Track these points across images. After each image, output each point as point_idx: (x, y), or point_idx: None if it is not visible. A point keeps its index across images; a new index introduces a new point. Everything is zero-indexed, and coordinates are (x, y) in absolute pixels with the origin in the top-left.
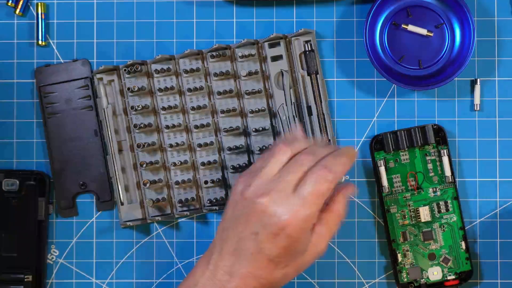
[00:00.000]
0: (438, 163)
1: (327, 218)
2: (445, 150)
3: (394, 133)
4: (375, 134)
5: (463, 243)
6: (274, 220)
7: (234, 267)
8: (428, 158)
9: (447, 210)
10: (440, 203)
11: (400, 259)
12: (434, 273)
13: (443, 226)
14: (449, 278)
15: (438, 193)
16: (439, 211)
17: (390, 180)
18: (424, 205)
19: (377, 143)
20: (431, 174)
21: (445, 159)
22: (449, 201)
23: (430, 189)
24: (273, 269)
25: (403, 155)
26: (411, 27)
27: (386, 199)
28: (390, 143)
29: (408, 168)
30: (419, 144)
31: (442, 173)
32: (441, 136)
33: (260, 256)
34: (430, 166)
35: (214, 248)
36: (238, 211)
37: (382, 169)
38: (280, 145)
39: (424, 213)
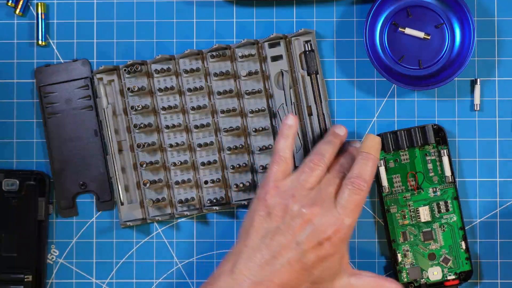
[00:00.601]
0: (438, 163)
1: (366, 285)
2: (445, 150)
3: (394, 133)
4: (375, 134)
5: (463, 243)
6: (321, 229)
7: (262, 277)
8: (428, 158)
9: (447, 210)
10: (440, 203)
11: (400, 259)
12: (434, 273)
13: (443, 226)
14: (449, 278)
15: (438, 193)
16: (439, 211)
17: (390, 180)
18: (424, 205)
19: None
20: (431, 174)
21: (445, 159)
22: (449, 201)
23: (430, 189)
24: (303, 280)
25: (403, 155)
26: (408, 30)
27: (386, 199)
28: (390, 143)
29: (408, 168)
30: (419, 144)
31: (442, 173)
32: (441, 136)
33: (297, 265)
34: (430, 166)
35: (238, 257)
36: (276, 222)
37: (382, 169)
38: (314, 159)
39: (424, 213)
